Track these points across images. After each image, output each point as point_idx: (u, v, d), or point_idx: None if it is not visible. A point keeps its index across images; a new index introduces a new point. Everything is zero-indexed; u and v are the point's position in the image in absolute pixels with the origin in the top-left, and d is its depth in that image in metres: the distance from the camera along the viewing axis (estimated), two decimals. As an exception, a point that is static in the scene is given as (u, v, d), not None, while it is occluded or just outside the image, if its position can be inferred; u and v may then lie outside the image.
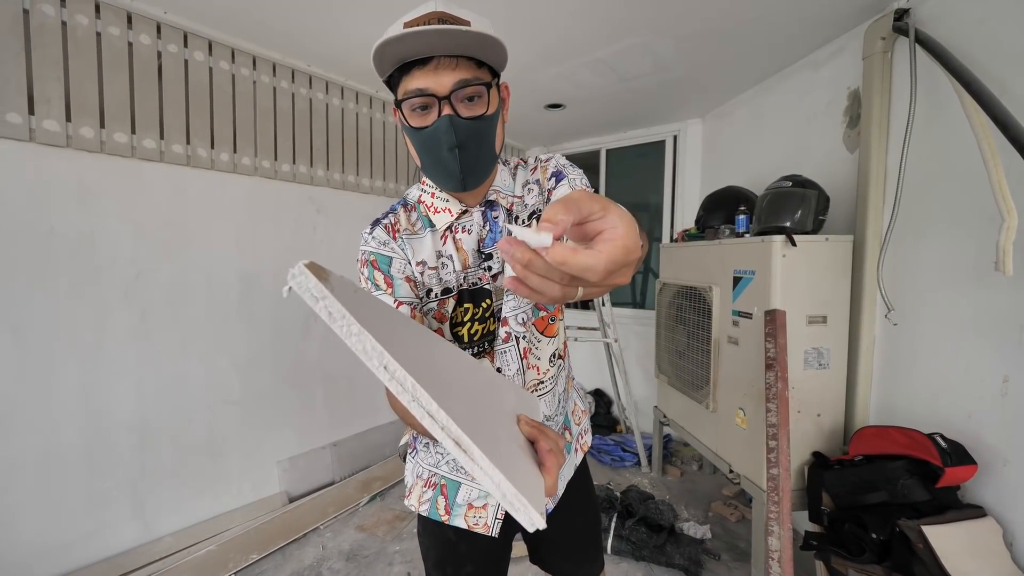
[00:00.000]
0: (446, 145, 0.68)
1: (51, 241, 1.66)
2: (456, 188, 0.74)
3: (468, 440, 0.39)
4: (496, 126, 0.73)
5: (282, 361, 2.36)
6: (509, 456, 0.44)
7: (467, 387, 0.50)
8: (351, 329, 0.38)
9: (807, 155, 2.18)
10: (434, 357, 0.50)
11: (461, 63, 0.65)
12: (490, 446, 0.41)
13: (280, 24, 1.95)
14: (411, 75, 0.65)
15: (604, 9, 1.80)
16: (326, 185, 2.51)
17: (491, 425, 0.46)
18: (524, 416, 0.55)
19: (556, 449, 0.51)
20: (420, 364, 0.42)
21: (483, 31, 0.62)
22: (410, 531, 2.23)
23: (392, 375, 0.39)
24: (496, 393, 0.58)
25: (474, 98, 0.67)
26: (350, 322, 0.38)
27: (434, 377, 0.42)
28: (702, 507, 2.42)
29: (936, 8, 1.57)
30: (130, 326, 1.85)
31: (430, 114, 0.67)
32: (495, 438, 0.44)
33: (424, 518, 0.91)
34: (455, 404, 0.41)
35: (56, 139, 1.65)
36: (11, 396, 1.59)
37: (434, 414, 0.39)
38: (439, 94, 0.65)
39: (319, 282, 0.38)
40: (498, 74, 0.73)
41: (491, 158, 0.75)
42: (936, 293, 1.58)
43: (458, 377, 0.51)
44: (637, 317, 3.43)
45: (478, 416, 0.45)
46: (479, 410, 0.47)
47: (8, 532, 1.58)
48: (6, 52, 1.54)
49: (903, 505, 1.44)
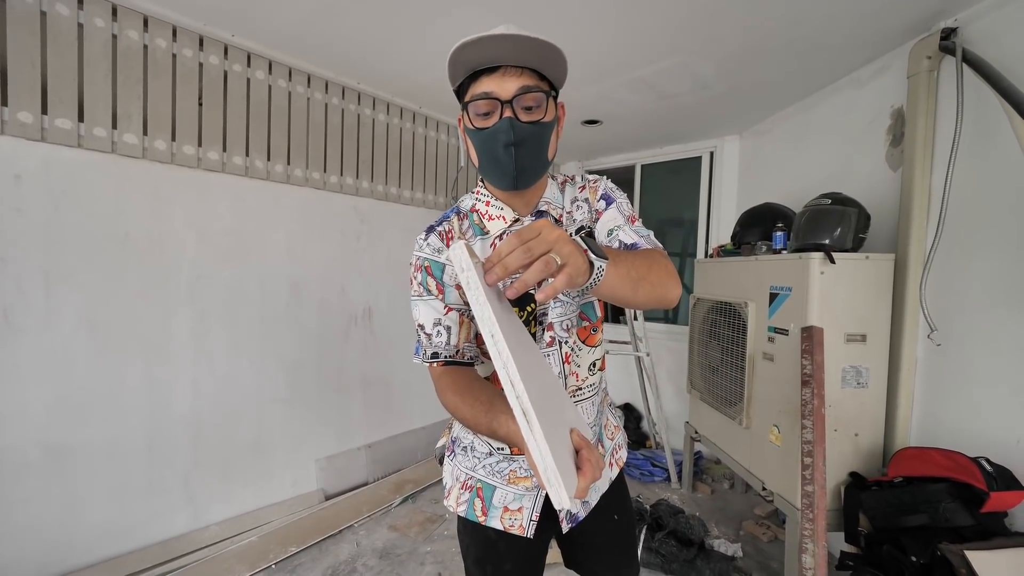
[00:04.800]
0: (503, 142, 0.74)
1: (126, 244, 1.81)
2: (509, 186, 0.79)
3: (533, 414, 0.47)
4: (551, 134, 0.80)
5: (325, 364, 2.47)
6: (557, 447, 0.50)
7: (542, 383, 0.57)
8: (478, 299, 0.49)
9: (848, 173, 2.17)
10: (526, 349, 0.58)
11: (525, 72, 0.73)
12: (546, 429, 0.48)
13: (335, 46, 2.08)
14: (479, 81, 0.73)
15: (646, 30, 1.85)
16: (370, 196, 2.63)
17: (551, 418, 0.53)
18: (578, 430, 0.61)
19: (596, 461, 0.56)
20: (515, 347, 0.51)
21: (549, 41, 0.70)
22: (440, 533, 2.28)
23: (495, 343, 0.48)
24: (560, 401, 0.65)
25: (532, 107, 0.74)
26: (479, 293, 0.49)
27: (522, 361, 0.50)
28: (733, 525, 2.40)
29: (985, 27, 1.57)
30: (190, 326, 1.98)
31: (492, 117, 0.74)
32: (552, 427, 0.51)
33: (463, 519, 0.95)
34: (531, 387, 0.49)
35: (134, 151, 1.80)
36: (87, 387, 1.73)
37: (515, 384, 0.48)
38: (503, 98, 0.72)
39: (469, 258, 0.51)
40: (557, 89, 0.80)
41: (543, 162, 0.81)
42: (982, 315, 1.55)
43: (539, 373, 0.58)
44: (670, 332, 3.43)
45: (544, 405, 0.52)
46: (546, 402, 0.54)
47: (78, 513, 1.72)
48: (96, 73, 1.70)
49: (945, 529, 1.42)
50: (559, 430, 0.55)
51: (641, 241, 0.80)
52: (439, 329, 0.82)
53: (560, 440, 0.53)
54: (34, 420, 1.62)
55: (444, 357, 0.82)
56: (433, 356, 0.82)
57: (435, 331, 0.82)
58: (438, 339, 0.82)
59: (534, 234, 0.53)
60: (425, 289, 0.83)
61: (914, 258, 1.74)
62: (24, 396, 1.60)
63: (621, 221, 0.83)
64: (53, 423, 1.66)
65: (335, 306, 2.51)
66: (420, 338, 0.84)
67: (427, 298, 0.83)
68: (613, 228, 0.83)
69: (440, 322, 0.82)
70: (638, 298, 0.69)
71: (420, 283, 0.83)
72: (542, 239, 0.53)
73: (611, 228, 0.83)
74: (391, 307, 2.76)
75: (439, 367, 0.82)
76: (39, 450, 1.64)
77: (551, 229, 0.54)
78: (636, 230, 0.82)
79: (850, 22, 1.74)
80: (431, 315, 0.82)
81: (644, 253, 0.74)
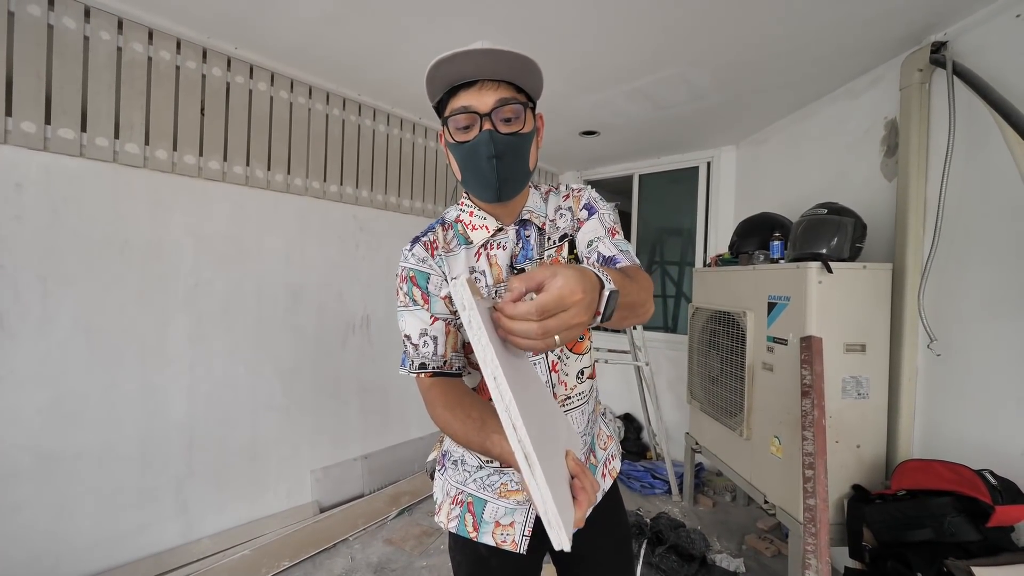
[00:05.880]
0: (485, 155, 0.75)
1: (125, 251, 1.82)
2: (492, 198, 0.80)
3: (535, 458, 0.46)
4: (531, 144, 0.81)
5: (321, 370, 2.46)
6: (555, 481, 0.50)
7: (540, 413, 0.57)
8: (481, 341, 0.48)
9: (844, 183, 2.18)
10: (526, 382, 0.57)
11: (502, 86, 0.74)
12: (546, 467, 0.48)
13: (336, 57, 2.11)
14: (457, 96, 0.75)
15: (643, 42, 1.88)
16: (369, 205, 2.65)
17: (549, 451, 0.53)
18: (572, 452, 0.60)
19: (590, 489, 0.56)
20: (516, 385, 0.50)
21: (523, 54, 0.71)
22: (437, 547, 2.24)
23: (498, 386, 0.48)
24: (555, 423, 0.64)
25: (511, 119, 0.75)
26: (481, 334, 0.48)
27: (522, 399, 0.50)
28: (735, 540, 2.35)
29: (974, 40, 1.58)
30: (187, 331, 1.98)
31: (472, 130, 0.75)
32: (549, 459, 0.51)
33: (454, 535, 0.93)
34: (531, 426, 0.49)
35: (135, 160, 1.82)
36: (81, 392, 1.72)
37: (518, 429, 0.47)
38: (481, 111, 0.73)
39: (472, 296, 0.49)
40: (534, 101, 0.81)
41: (525, 173, 0.81)
42: (982, 324, 1.54)
43: (536, 402, 0.57)
44: (669, 341, 3.41)
45: (543, 440, 0.52)
46: (544, 435, 0.54)
47: (68, 522, 1.69)
48: (100, 84, 1.73)
49: (951, 544, 1.39)
50: (555, 459, 0.55)
51: (620, 256, 0.79)
52: (426, 339, 0.81)
53: (557, 471, 0.53)
54: (27, 426, 1.61)
55: (432, 368, 0.81)
56: (421, 367, 0.81)
57: (422, 341, 0.81)
58: (425, 349, 0.81)
59: (556, 307, 0.48)
60: (411, 299, 0.82)
61: (911, 268, 1.73)
62: (17, 401, 1.59)
63: (602, 233, 0.84)
64: (46, 429, 1.65)
65: (333, 314, 2.51)
66: (407, 348, 0.83)
67: (413, 308, 0.82)
68: (593, 239, 0.83)
69: (427, 332, 0.81)
70: (622, 324, 0.69)
71: (406, 293, 0.83)
72: (561, 322, 0.49)
73: (591, 239, 0.84)
74: (388, 315, 2.76)
75: (427, 378, 0.81)
76: (31, 456, 1.62)
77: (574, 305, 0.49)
78: (616, 243, 0.82)
79: (843, 34, 1.77)
80: (417, 325, 0.82)
81: (635, 278, 0.71)
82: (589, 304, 0.51)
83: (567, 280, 0.48)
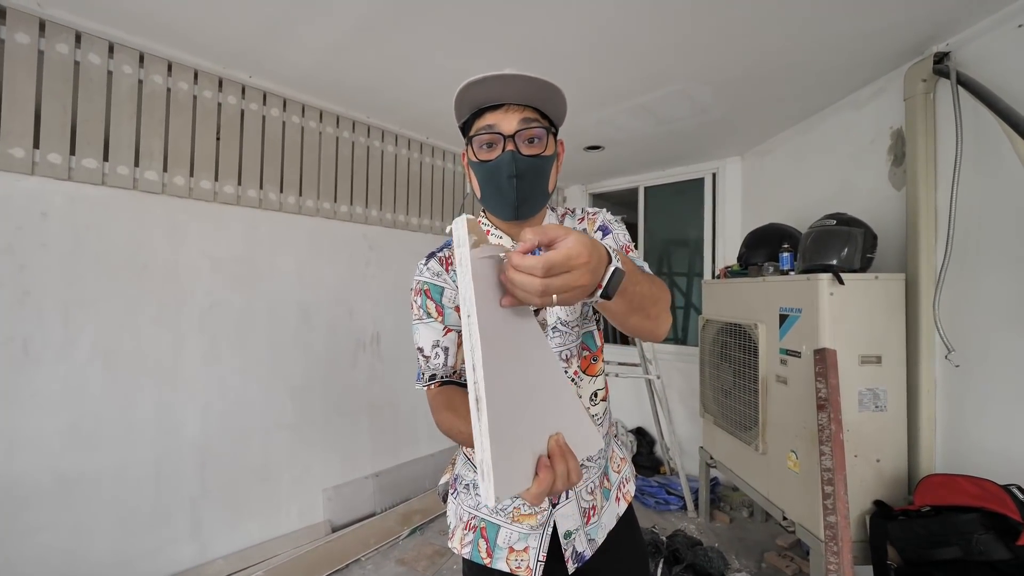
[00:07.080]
0: (506, 174, 0.77)
1: (143, 275, 1.86)
2: (511, 216, 0.82)
3: (485, 404, 0.45)
4: (551, 167, 0.83)
5: (332, 388, 2.48)
6: (512, 444, 0.47)
7: (530, 385, 0.53)
8: (465, 279, 0.48)
9: (851, 192, 2.16)
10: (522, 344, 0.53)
11: (527, 110, 0.77)
12: (502, 424, 0.46)
13: (346, 82, 2.17)
14: (483, 117, 0.78)
15: (646, 60, 1.91)
16: (379, 224, 2.70)
17: (522, 415, 0.50)
18: (560, 436, 0.54)
19: (561, 471, 0.52)
20: (501, 337, 0.49)
21: (550, 81, 0.74)
22: (449, 567, 2.22)
23: (469, 325, 0.47)
24: (556, 409, 0.57)
25: (534, 140, 0.78)
26: (466, 272, 0.48)
27: (503, 355, 0.48)
28: (754, 557, 2.29)
29: (977, 50, 1.59)
30: (202, 352, 2.02)
31: (495, 150, 0.78)
32: (513, 425, 0.48)
33: (468, 561, 0.92)
34: (501, 380, 0.47)
35: (154, 187, 1.88)
36: (98, 414, 1.75)
37: (476, 370, 0.46)
38: (505, 132, 0.76)
39: (467, 234, 0.48)
40: (557, 126, 0.83)
41: (543, 194, 0.83)
42: (1002, 333, 1.51)
43: (527, 367, 0.53)
44: (679, 353, 3.38)
45: (515, 403, 0.49)
46: (521, 402, 0.50)
47: (85, 543, 1.71)
48: (122, 115, 1.80)
49: (980, 563, 1.34)
50: (532, 431, 0.51)
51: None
52: (437, 351, 0.83)
53: (524, 438, 0.50)
54: (47, 449, 1.64)
55: (440, 377, 0.82)
56: (431, 378, 0.83)
57: (433, 353, 0.83)
58: (436, 360, 0.83)
59: (562, 266, 0.49)
60: (425, 312, 0.84)
61: (925, 277, 1.71)
62: (39, 424, 1.63)
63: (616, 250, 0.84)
64: (65, 451, 1.68)
65: (343, 331, 2.54)
66: (420, 362, 0.85)
67: (427, 321, 0.84)
68: None
69: (439, 343, 0.83)
70: (631, 321, 0.69)
71: (420, 306, 0.85)
72: (564, 282, 0.49)
73: None
74: (398, 332, 2.78)
75: (435, 388, 0.83)
76: (50, 478, 1.65)
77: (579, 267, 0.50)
78: (631, 259, 0.82)
79: (844, 46, 1.78)
80: (430, 337, 0.83)
81: (650, 277, 0.73)
82: (594, 269, 0.52)
83: (577, 242, 0.50)
